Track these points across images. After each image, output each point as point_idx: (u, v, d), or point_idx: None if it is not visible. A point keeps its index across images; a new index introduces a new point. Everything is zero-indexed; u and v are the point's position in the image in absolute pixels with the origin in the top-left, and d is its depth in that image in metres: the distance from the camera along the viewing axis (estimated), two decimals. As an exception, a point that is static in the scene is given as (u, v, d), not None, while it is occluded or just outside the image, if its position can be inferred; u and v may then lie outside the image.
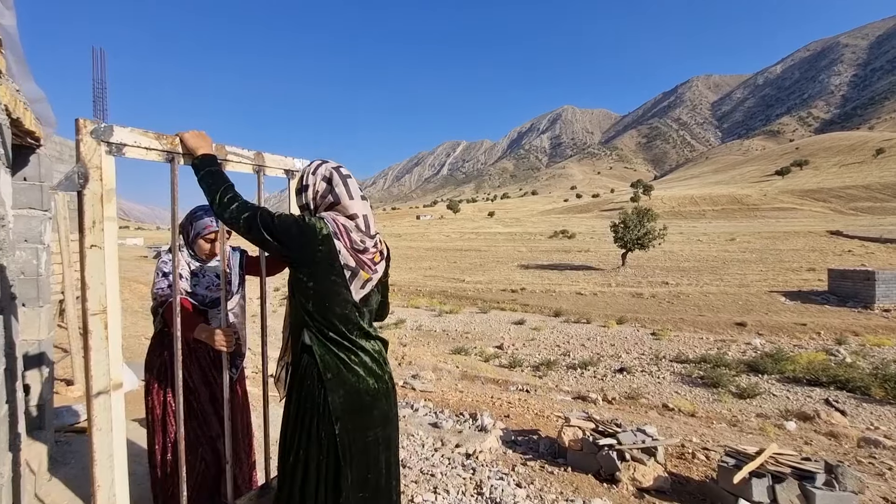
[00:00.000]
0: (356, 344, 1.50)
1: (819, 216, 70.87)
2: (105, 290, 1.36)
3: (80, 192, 1.32)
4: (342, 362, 1.47)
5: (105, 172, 1.38)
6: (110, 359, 1.36)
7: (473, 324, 21.07)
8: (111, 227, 1.38)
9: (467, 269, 38.29)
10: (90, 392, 1.31)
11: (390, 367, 1.66)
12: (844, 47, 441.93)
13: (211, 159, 1.54)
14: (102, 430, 1.33)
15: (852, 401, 11.13)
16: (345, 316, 1.48)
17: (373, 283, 1.59)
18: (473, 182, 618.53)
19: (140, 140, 1.48)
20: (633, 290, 26.11)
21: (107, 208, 1.37)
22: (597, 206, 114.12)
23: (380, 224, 20.64)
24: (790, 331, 18.26)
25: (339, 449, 1.43)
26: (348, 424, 1.46)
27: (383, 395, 1.55)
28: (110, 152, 1.40)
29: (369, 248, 1.57)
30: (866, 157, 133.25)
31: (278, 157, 1.95)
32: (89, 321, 1.31)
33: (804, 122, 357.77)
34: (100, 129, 1.37)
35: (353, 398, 1.47)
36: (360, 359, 1.50)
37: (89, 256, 1.31)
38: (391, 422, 1.61)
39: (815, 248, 37.94)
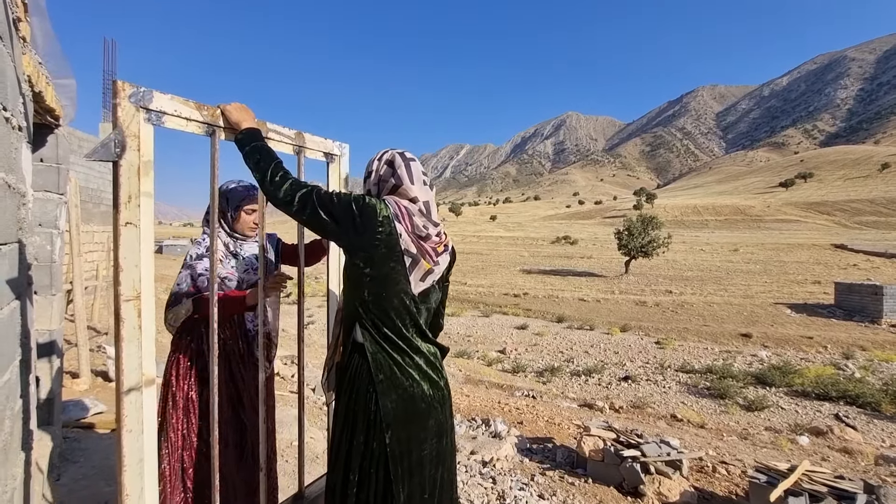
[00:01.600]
0: (412, 344, 1.37)
1: (823, 229, 70.65)
2: (140, 274, 1.22)
3: (115, 162, 1.19)
4: (395, 363, 1.33)
5: (143, 142, 1.24)
6: (143, 351, 1.22)
7: (476, 327, 20.92)
8: (148, 204, 1.24)
9: (469, 272, 38.14)
10: (120, 388, 1.17)
11: (446, 373, 1.52)
12: (851, 61, 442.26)
13: (256, 133, 1.43)
14: (133, 432, 1.18)
15: (863, 416, 10.97)
16: (402, 309, 1.35)
17: (434, 277, 1.45)
18: (476, 185, 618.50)
19: (181, 109, 1.34)
20: (636, 297, 25.95)
21: (144, 182, 1.23)
22: (599, 213, 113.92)
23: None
24: (796, 343, 18.10)
25: (390, 462, 1.29)
26: (401, 434, 1.32)
27: (439, 403, 1.41)
28: (149, 120, 1.26)
29: (432, 236, 1.43)
30: (871, 172, 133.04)
31: (318, 139, 1.82)
32: (122, 308, 1.17)
33: (809, 135, 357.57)
34: (139, 94, 1.23)
35: (406, 404, 1.33)
36: (415, 361, 1.37)
37: (124, 235, 1.17)
38: (447, 434, 1.45)
39: (819, 261, 37.75)
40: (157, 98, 1.27)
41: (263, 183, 1.34)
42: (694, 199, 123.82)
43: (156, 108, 1.27)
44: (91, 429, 3.40)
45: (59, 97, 2.40)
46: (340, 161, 1.92)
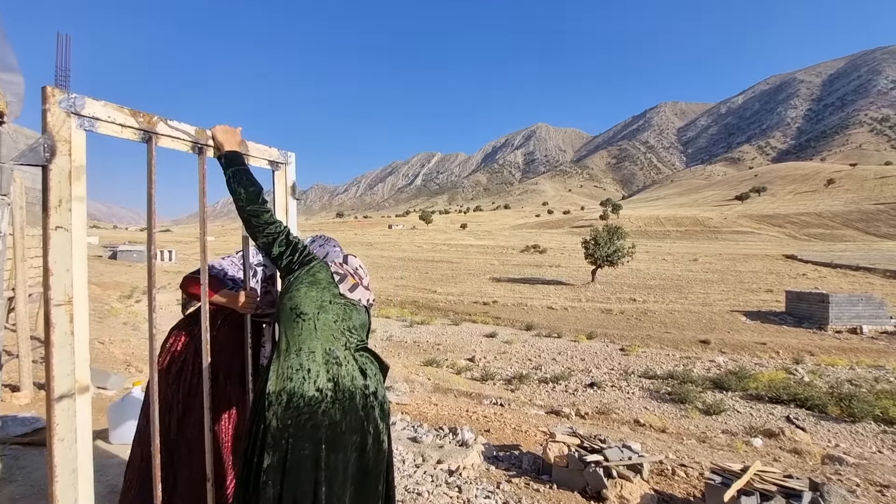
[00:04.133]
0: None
1: (775, 240, 74.40)
2: (71, 278, 1.15)
3: (45, 166, 1.13)
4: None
5: (75, 147, 1.19)
6: (76, 357, 1.15)
7: (445, 335, 20.89)
8: (79, 209, 1.18)
9: (439, 280, 38.14)
10: (51, 395, 1.10)
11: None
12: (800, 83, 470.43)
13: (238, 157, 1.55)
14: (66, 441, 1.11)
15: (811, 418, 11.51)
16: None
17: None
18: (447, 194, 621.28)
19: (115, 115, 1.30)
20: (602, 305, 26.53)
21: (76, 187, 1.17)
22: (567, 223, 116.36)
23: (351, 232, 20.52)
24: (751, 349, 18.87)
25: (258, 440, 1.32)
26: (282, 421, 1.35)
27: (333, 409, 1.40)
28: (81, 126, 1.21)
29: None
30: (818, 187, 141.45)
31: (262, 147, 1.78)
32: (52, 313, 1.10)
33: (762, 151, 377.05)
34: (70, 100, 1.18)
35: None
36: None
37: (54, 239, 1.11)
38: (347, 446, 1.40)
39: (772, 271, 39.66)
40: (89, 104, 1.23)
41: (245, 213, 1.48)
42: (657, 211, 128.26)
43: (88, 115, 1.23)
44: (32, 446, 3.18)
45: (3, 93, 2.27)
46: (286, 169, 1.89)
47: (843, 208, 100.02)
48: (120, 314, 18.15)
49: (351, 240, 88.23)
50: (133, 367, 6.72)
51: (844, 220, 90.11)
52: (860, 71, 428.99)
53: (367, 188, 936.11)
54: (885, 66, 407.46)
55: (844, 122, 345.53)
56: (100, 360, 6.91)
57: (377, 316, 25.59)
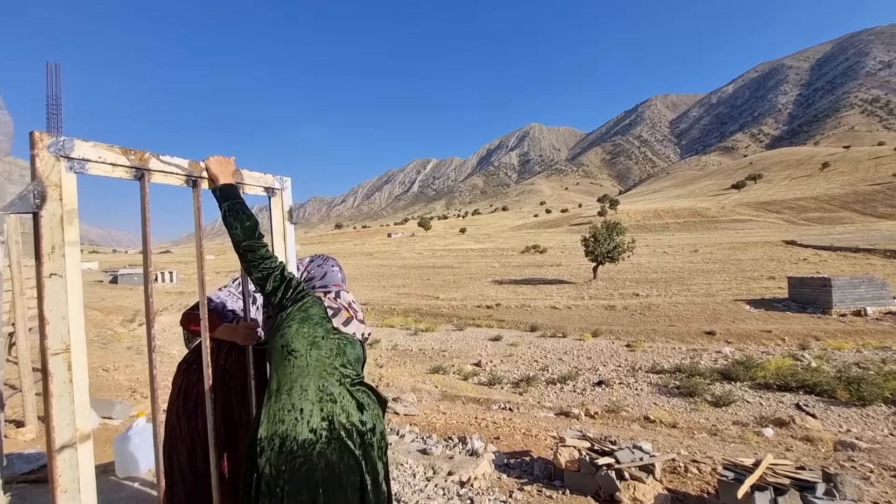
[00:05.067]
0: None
1: (774, 227, 74.38)
2: (68, 325, 1.15)
3: (36, 213, 1.13)
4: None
5: (66, 191, 1.19)
6: (76, 405, 1.14)
7: (450, 341, 20.85)
8: (73, 254, 1.18)
9: (441, 286, 38.11)
10: (52, 446, 1.09)
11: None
12: (789, 69, 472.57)
13: (233, 191, 1.54)
14: (69, 493, 1.10)
15: (821, 404, 11.47)
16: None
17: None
18: (444, 199, 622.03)
19: (105, 155, 1.30)
20: (605, 302, 26.49)
21: (68, 231, 1.18)
22: (566, 221, 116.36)
23: (350, 243, 20.43)
24: (757, 338, 18.83)
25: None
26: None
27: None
28: (71, 169, 1.22)
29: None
30: (813, 171, 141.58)
31: (257, 174, 1.79)
32: (50, 362, 1.10)
33: (756, 139, 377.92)
34: (59, 143, 1.19)
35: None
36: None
37: (48, 287, 1.11)
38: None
39: (772, 258, 39.63)
40: (78, 146, 1.23)
41: (242, 248, 1.47)
42: (654, 204, 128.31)
43: (78, 157, 1.23)
44: (38, 483, 3.16)
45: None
46: (282, 195, 1.89)
47: (840, 191, 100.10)
48: (123, 339, 18.12)
49: (350, 250, 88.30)
50: (138, 393, 6.69)
51: (841, 202, 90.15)
52: (847, 54, 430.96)
53: (364, 198, 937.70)
54: (871, 48, 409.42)
55: (835, 105, 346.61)
56: (104, 388, 6.89)
57: (381, 325, 25.56)
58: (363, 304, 32.67)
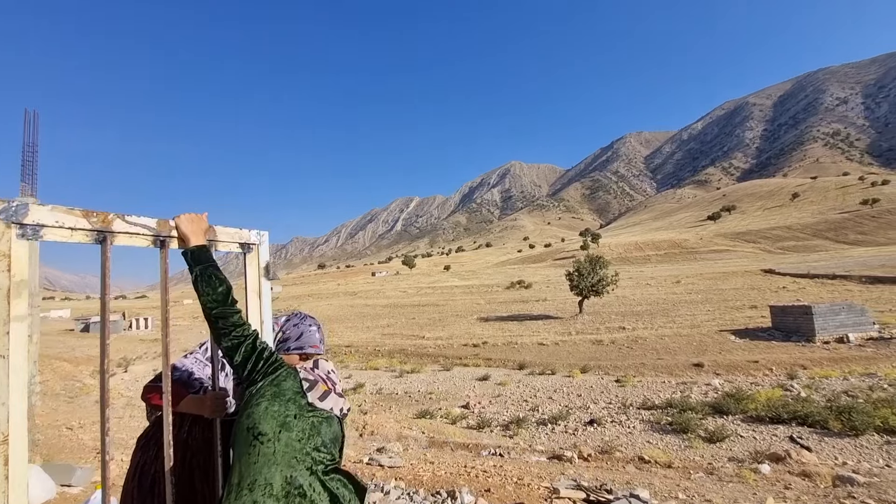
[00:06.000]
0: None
1: (751, 256, 76.20)
2: (7, 413, 1.03)
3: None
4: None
5: (15, 260, 1.09)
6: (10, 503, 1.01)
7: (437, 383, 20.35)
8: (19, 330, 1.07)
9: (426, 324, 37.64)
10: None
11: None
12: (753, 106, 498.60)
13: (205, 254, 1.46)
14: None
15: (814, 436, 11.36)
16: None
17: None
18: (428, 237, 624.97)
19: (63, 219, 1.21)
20: (592, 337, 26.39)
21: (15, 306, 1.07)
22: (550, 256, 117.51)
23: (333, 283, 20.08)
24: (744, 368, 18.83)
25: None
26: None
27: None
28: (23, 236, 1.12)
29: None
30: (784, 201, 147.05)
31: (232, 230, 1.70)
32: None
33: (727, 172, 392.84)
34: (10, 209, 1.10)
35: None
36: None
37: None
38: None
39: (753, 286, 40.34)
40: (33, 211, 1.14)
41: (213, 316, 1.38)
42: (634, 237, 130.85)
43: (32, 222, 1.14)
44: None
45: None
46: (259, 250, 1.80)
47: (812, 219, 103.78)
48: (92, 391, 17.24)
49: (334, 290, 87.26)
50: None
51: (814, 230, 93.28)
52: (806, 91, 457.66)
53: (347, 237, 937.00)
54: (828, 85, 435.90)
55: (799, 138, 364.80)
56: (66, 449, 6.44)
57: (365, 368, 24.92)
58: (347, 346, 31.99)
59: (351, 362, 27.24)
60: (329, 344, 33.69)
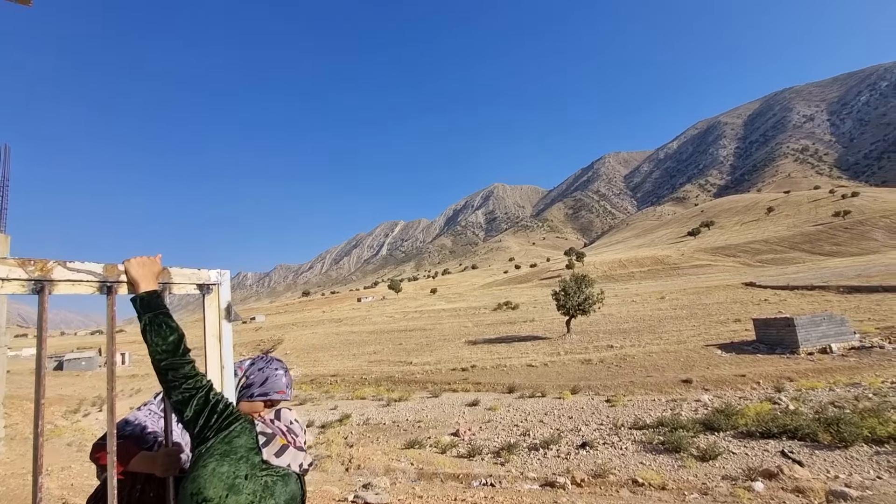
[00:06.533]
0: None
1: (732, 270, 77.56)
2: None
3: None
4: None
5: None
6: None
7: (425, 410, 19.94)
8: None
9: (414, 350, 37.15)
10: None
11: None
12: (725, 125, 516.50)
13: (156, 300, 1.36)
14: None
15: (805, 449, 11.34)
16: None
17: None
18: (413, 260, 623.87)
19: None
20: (581, 356, 26.29)
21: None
22: (536, 276, 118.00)
23: (318, 310, 19.69)
24: (732, 383, 18.89)
25: None
26: None
27: None
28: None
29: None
30: (760, 216, 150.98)
31: (188, 271, 1.60)
32: None
33: (704, 189, 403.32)
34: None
35: None
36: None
37: None
38: None
39: (735, 300, 40.91)
40: None
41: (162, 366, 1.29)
42: (618, 254, 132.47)
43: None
44: None
45: None
46: (219, 290, 1.70)
47: (787, 233, 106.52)
48: (64, 433, 16.47)
49: (319, 318, 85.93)
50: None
51: (790, 243, 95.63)
52: (774, 110, 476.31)
53: (332, 263, 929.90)
54: (794, 104, 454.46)
55: (770, 154, 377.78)
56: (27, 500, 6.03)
57: (352, 398, 24.34)
58: (332, 375, 31.29)
59: (337, 392, 26.60)
60: (314, 374, 32.95)
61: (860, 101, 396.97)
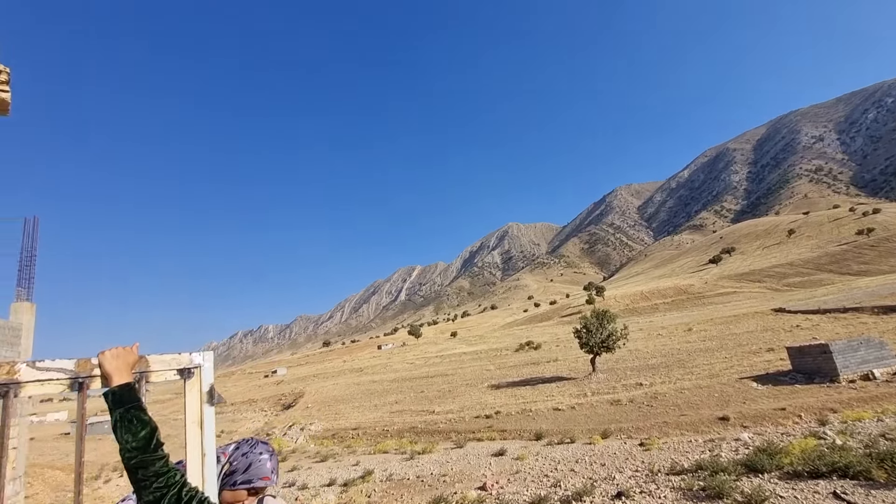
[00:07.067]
0: None
1: (759, 296, 75.14)
2: None
3: None
4: None
5: None
6: None
7: (450, 463, 19.15)
8: None
9: (436, 397, 36.24)
10: None
11: None
12: (734, 151, 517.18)
13: (127, 393, 1.32)
14: None
15: (859, 489, 10.44)
16: None
17: None
18: (432, 304, 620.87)
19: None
20: (609, 397, 25.27)
21: None
22: (556, 313, 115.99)
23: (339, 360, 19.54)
24: (772, 418, 17.85)
25: None
26: None
27: None
28: None
29: None
30: (782, 238, 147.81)
31: (168, 357, 1.57)
32: None
33: (720, 215, 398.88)
34: None
35: None
36: None
37: None
38: None
39: (766, 328, 39.36)
40: None
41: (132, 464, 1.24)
42: (639, 286, 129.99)
43: None
44: None
45: None
46: (200, 374, 1.66)
47: (811, 254, 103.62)
48: (86, 502, 16.18)
49: (340, 368, 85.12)
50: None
51: (816, 265, 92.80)
52: (782, 133, 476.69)
53: (351, 311, 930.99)
54: (801, 126, 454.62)
55: (784, 177, 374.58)
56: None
57: (374, 452, 23.60)
58: (354, 428, 30.56)
59: (359, 446, 25.88)
60: (336, 427, 32.26)
61: (868, 119, 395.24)
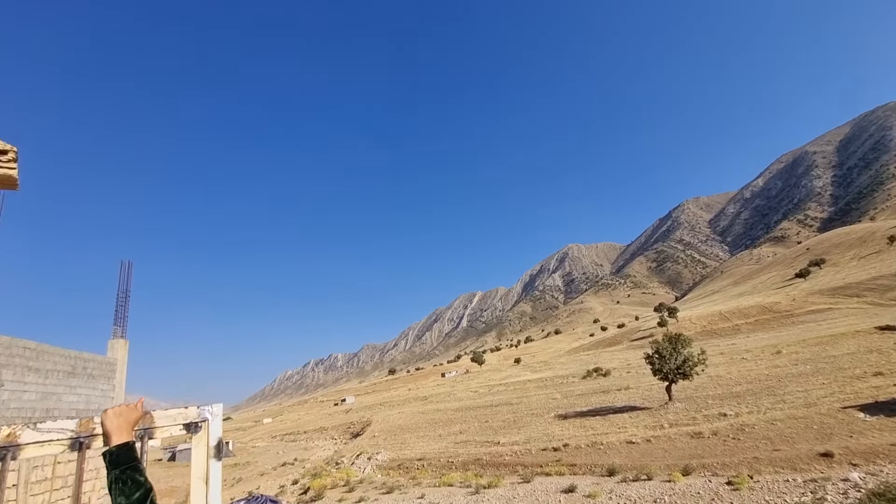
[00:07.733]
0: None
1: (859, 312, 67.04)
2: None
3: None
4: None
5: None
6: None
7: (517, 499, 18.29)
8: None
9: (500, 427, 35.17)
10: None
11: None
12: (814, 154, 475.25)
13: (125, 452, 1.27)
14: None
15: None
16: None
17: None
18: (494, 330, 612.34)
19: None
20: (689, 428, 23.23)
21: None
22: (625, 337, 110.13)
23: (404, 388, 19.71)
24: (888, 454, 15.49)
25: None
26: None
27: None
28: None
29: None
30: (881, 247, 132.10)
31: (174, 412, 1.53)
32: None
33: (804, 224, 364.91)
34: None
35: None
36: None
37: None
38: None
39: (871, 349, 34.86)
40: None
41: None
42: (717, 306, 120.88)
43: None
44: None
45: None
46: (208, 428, 1.60)
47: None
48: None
49: (405, 396, 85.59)
50: None
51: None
52: (870, 131, 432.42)
53: (415, 339, 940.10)
54: (892, 122, 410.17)
55: (877, 178, 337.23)
56: None
57: (439, 485, 23.11)
58: (419, 459, 30.24)
59: (424, 478, 25.50)
60: (401, 458, 32.14)
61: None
